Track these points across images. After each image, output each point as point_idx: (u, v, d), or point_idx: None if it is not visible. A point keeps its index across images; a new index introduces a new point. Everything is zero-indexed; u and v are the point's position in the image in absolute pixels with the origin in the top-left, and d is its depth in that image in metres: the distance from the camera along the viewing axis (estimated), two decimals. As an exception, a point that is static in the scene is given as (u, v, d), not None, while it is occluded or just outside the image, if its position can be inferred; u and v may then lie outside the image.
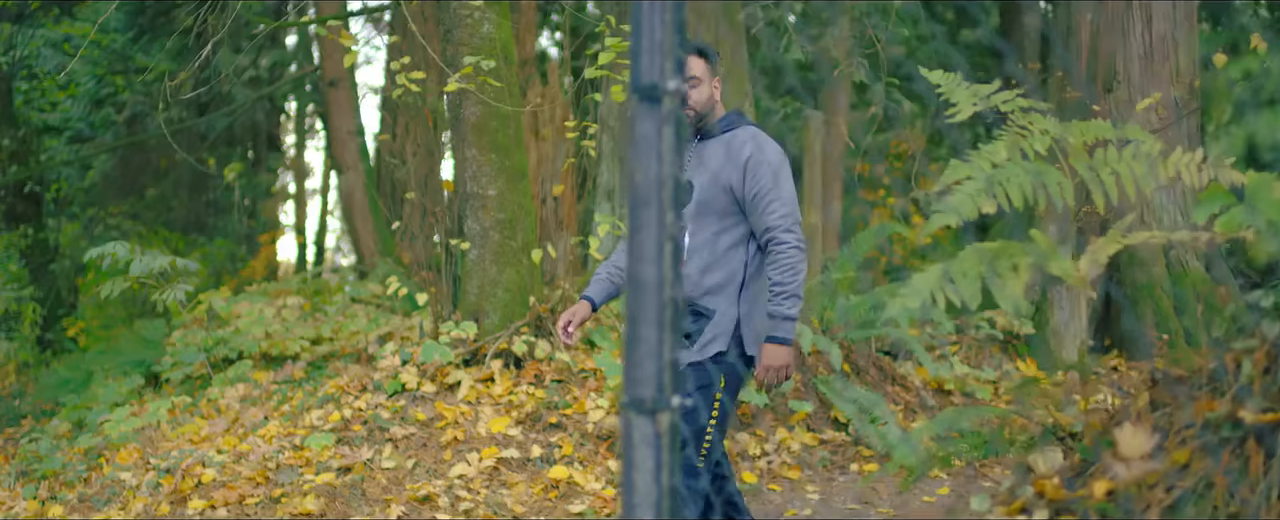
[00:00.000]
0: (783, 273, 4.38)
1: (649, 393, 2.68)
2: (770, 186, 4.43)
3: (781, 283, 4.37)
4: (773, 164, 4.47)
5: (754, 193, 4.43)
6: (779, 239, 4.40)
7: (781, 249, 4.39)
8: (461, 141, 8.07)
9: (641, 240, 2.70)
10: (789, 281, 4.37)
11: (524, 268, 8.09)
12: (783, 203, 4.44)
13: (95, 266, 18.62)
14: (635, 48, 2.71)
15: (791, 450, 7.48)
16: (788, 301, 4.36)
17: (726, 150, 4.49)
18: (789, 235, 4.40)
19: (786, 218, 4.42)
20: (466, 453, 7.26)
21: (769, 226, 4.42)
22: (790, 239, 4.40)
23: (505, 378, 7.80)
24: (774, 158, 4.50)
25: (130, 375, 10.31)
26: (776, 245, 4.40)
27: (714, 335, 4.47)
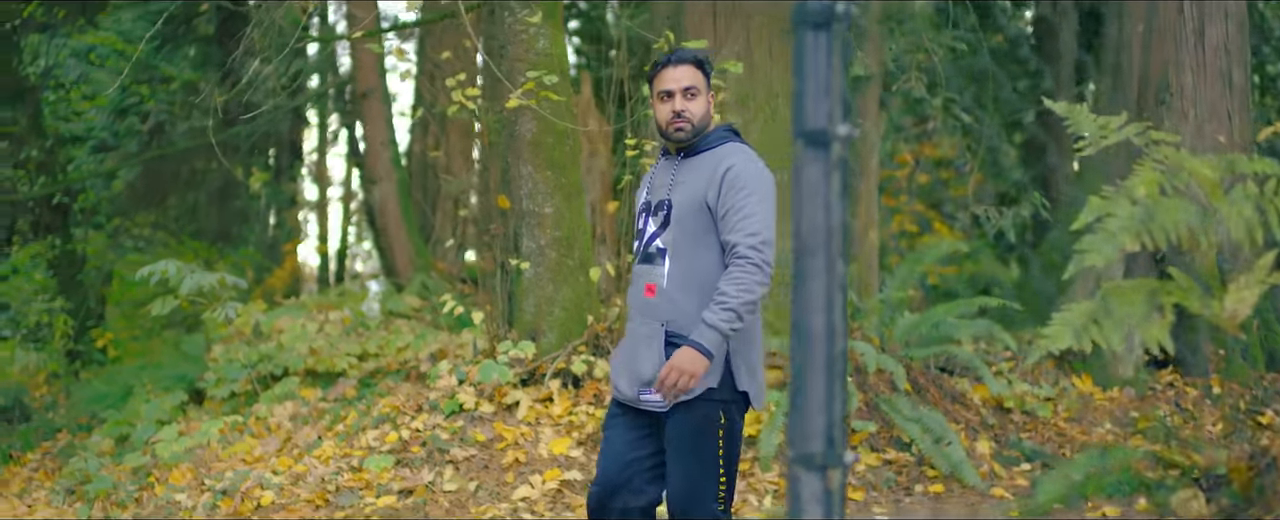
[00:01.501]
0: (733, 285, 4.03)
1: (818, 447, 2.61)
2: (744, 201, 4.11)
3: (726, 294, 4.02)
4: (754, 180, 4.17)
5: (727, 208, 4.13)
6: (741, 254, 4.05)
7: (740, 264, 4.05)
8: (517, 158, 8.00)
9: (809, 290, 2.62)
10: (735, 296, 4.02)
11: (581, 286, 8.02)
12: (755, 220, 4.09)
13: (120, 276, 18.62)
14: (799, 89, 2.63)
15: (856, 471, 7.40)
16: (725, 314, 4.02)
17: (708, 166, 4.24)
18: (752, 251, 4.05)
19: (754, 236, 4.07)
20: (529, 474, 7.19)
21: (735, 241, 4.09)
22: (753, 255, 4.05)
23: (564, 397, 7.73)
24: (755, 176, 4.19)
25: (173, 391, 10.23)
26: (737, 260, 4.06)
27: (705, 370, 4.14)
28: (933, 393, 7.96)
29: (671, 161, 4.40)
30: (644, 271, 4.31)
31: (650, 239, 4.31)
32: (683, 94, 4.30)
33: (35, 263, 17.83)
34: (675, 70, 4.33)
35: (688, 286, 4.20)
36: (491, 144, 8.25)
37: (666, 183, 4.34)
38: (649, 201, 4.39)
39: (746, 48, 8.52)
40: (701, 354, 4.04)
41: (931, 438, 7.41)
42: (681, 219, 4.22)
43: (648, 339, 4.22)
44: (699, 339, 4.05)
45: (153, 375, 11.57)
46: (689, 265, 4.20)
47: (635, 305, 4.36)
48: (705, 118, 4.36)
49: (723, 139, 4.36)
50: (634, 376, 4.27)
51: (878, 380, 7.78)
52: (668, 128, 4.33)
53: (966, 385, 8.32)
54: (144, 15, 20.77)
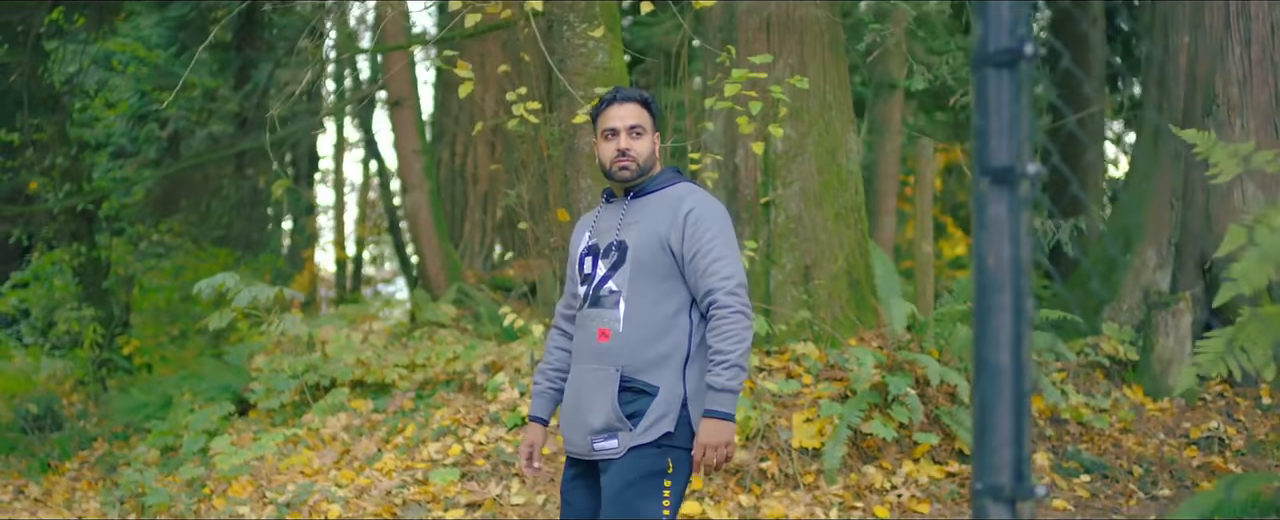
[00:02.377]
0: (725, 340, 3.94)
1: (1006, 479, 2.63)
2: (711, 245, 4.01)
3: (723, 351, 3.93)
4: (715, 222, 4.07)
5: (694, 251, 4.02)
6: (721, 303, 3.96)
7: (724, 314, 3.96)
8: (577, 172, 8.03)
9: (995, 325, 2.64)
10: (732, 350, 3.93)
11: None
12: (725, 263, 4.00)
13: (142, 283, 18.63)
14: (983, 126, 2.65)
15: (919, 483, 7.44)
16: (729, 372, 3.92)
17: (664, 207, 4.13)
18: (731, 299, 3.97)
19: (729, 279, 3.98)
20: (596, 488, 7.21)
21: (711, 289, 3.99)
22: (734, 303, 3.97)
23: (626, 411, 7.76)
24: (717, 215, 4.12)
25: (219, 402, 10.24)
26: (718, 309, 3.97)
27: (659, 415, 4.01)
28: (990, 404, 7.99)
29: (619, 203, 4.26)
30: (594, 315, 4.15)
31: (602, 281, 4.15)
32: (628, 132, 4.18)
33: (56, 269, 17.86)
34: (620, 108, 4.21)
35: (645, 329, 4.06)
36: (550, 157, 8.27)
37: (615, 224, 4.19)
38: (595, 245, 4.23)
39: (800, 61, 8.57)
40: (723, 420, 3.94)
41: (993, 450, 7.43)
42: (639, 260, 4.09)
43: (600, 385, 4.08)
44: (715, 406, 3.94)
45: (193, 385, 11.58)
46: (646, 307, 4.07)
47: (585, 351, 4.17)
48: (650, 158, 4.22)
49: (672, 179, 4.27)
50: (584, 426, 4.11)
51: (937, 392, 7.82)
52: (611, 167, 4.19)
53: (1020, 396, 8.35)
54: (161, 22, 20.82)
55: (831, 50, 8.78)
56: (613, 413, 4.03)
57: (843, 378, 7.97)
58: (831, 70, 8.72)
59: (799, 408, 7.76)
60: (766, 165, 8.64)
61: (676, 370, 4.05)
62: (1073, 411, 8.25)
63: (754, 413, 7.50)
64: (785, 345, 8.32)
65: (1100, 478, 7.76)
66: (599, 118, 4.28)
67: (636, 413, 4.02)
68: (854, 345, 8.26)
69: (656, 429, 4.00)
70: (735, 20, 8.74)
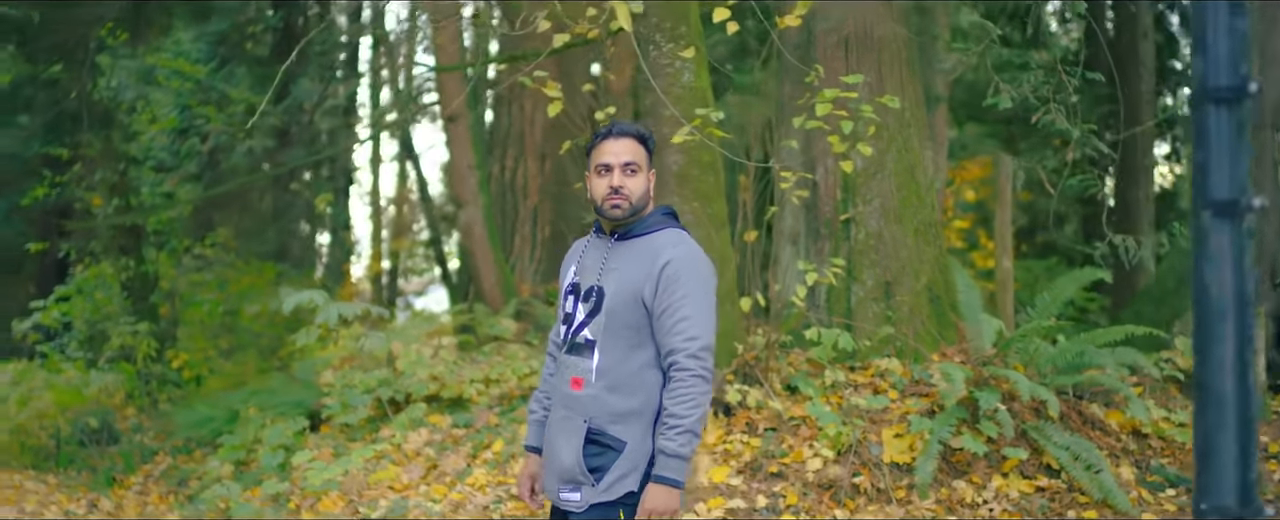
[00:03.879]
0: (681, 404, 3.80)
1: (1232, 501, 2.72)
2: (682, 302, 3.87)
3: (678, 415, 3.79)
4: (692, 277, 3.92)
5: (664, 307, 3.88)
6: (681, 364, 3.83)
7: (682, 377, 3.82)
8: (663, 189, 8.13)
9: (1219, 354, 2.73)
10: (686, 415, 3.79)
11: (728, 315, 8.14)
12: (693, 323, 3.85)
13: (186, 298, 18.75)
14: (1204, 161, 2.73)
15: (1010, 498, 7.51)
16: (682, 438, 3.79)
17: (644, 257, 3.98)
18: (693, 362, 3.82)
19: (693, 341, 3.84)
20: (692, 503, 7.30)
21: (673, 349, 3.85)
22: (695, 366, 3.82)
23: (716, 426, 7.85)
24: (695, 270, 3.94)
25: (292, 417, 10.34)
26: (678, 371, 3.83)
27: (625, 472, 3.90)
28: (1073, 419, 8.07)
29: (604, 242, 4.14)
30: (570, 363, 4.05)
31: (578, 328, 4.04)
32: (622, 169, 4.01)
33: (98, 282, 17.98)
34: (615, 144, 4.05)
35: (616, 384, 3.95)
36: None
37: (598, 266, 4.08)
38: (577, 284, 4.12)
39: (878, 79, 8.65)
40: (671, 488, 3.83)
41: (1082, 464, 7.52)
42: (613, 311, 3.96)
43: (570, 434, 4.00)
44: (666, 473, 3.82)
45: (260, 400, 11.68)
46: (618, 361, 3.95)
47: (561, 397, 4.11)
48: (644, 197, 4.06)
49: (660, 224, 4.10)
50: (555, 473, 4.06)
51: (1023, 408, 7.89)
52: (603, 204, 4.04)
53: (1099, 411, 8.43)
54: (201, 36, 20.96)
55: (908, 68, 8.87)
56: (577, 465, 3.95)
57: (929, 393, 8.06)
58: (908, 88, 8.82)
59: (888, 423, 7.84)
60: (846, 182, 8.73)
61: (645, 427, 3.94)
62: (1154, 426, 8.32)
63: (845, 428, 7.59)
64: (869, 361, 8.40)
65: (1186, 491, 7.82)
66: (593, 152, 4.11)
67: (601, 467, 3.93)
68: (937, 361, 8.34)
69: (620, 487, 3.91)
70: (813, 39, 8.83)
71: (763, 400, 7.88)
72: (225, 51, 20.80)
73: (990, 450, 7.67)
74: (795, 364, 8.36)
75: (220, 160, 20.14)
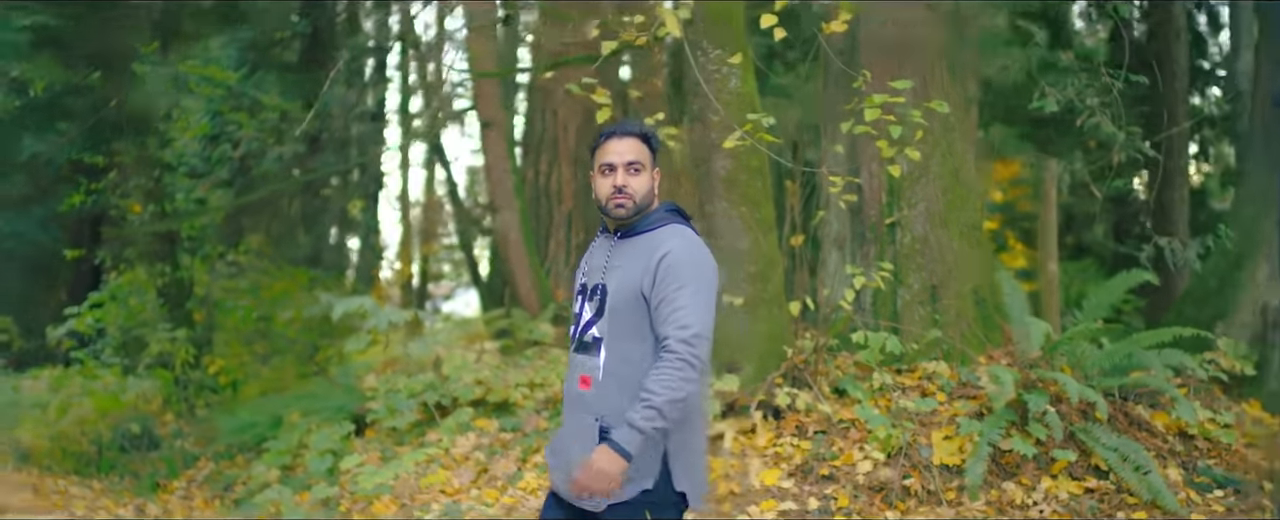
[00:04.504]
0: (657, 382, 3.80)
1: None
2: (678, 292, 3.88)
3: (650, 391, 3.80)
4: (689, 267, 3.93)
5: (660, 298, 3.90)
6: (671, 348, 3.83)
7: (669, 360, 3.82)
8: (711, 195, 8.20)
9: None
10: (659, 394, 3.79)
11: (776, 319, 8.21)
12: (687, 312, 3.86)
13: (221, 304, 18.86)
14: None
15: (1059, 499, 7.56)
16: (648, 413, 3.79)
17: (645, 252, 4.01)
18: (682, 346, 3.83)
19: (686, 329, 3.85)
20: (745, 505, 7.37)
21: (666, 335, 3.86)
22: (683, 351, 3.82)
23: (767, 429, 7.92)
24: (692, 264, 3.96)
25: (337, 422, 10.42)
26: (667, 354, 3.83)
27: (638, 470, 3.92)
28: (1120, 420, 8.11)
29: (608, 240, 4.19)
30: (580, 362, 4.10)
31: (586, 327, 4.08)
32: (626, 168, 4.05)
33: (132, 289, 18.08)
34: (619, 143, 4.08)
35: (624, 381, 3.96)
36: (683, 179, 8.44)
37: (602, 265, 4.12)
38: (584, 285, 4.17)
39: (922, 83, 8.70)
40: (619, 454, 3.81)
41: (1130, 465, 7.56)
42: (616, 308, 4.00)
43: (580, 434, 4.03)
44: (618, 439, 3.82)
45: (302, 405, 11.75)
46: (625, 357, 3.98)
47: (571, 396, 4.16)
48: (648, 195, 4.10)
49: (663, 220, 4.12)
50: (567, 473, 4.04)
51: (1071, 409, 7.94)
52: (608, 203, 4.08)
53: (1145, 412, 8.47)
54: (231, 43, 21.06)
55: (951, 72, 8.92)
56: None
57: (976, 395, 8.11)
58: (952, 92, 8.87)
59: (937, 425, 7.90)
60: (891, 186, 8.79)
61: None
62: (1200, 427, 8.35)
63: (895, 430, 7.64)
64: (916, 364, 8.46)
65: (1234, 493, 7.86)
66: (597, 151, 4.14)
67: None
68: (984, 363, 8.39)
69: (635, 485, 3.93)
70: (857, 43, 8.89)
71: (812, 403, 7.94)
72: (255, 58, 20.92)
73: (1039, 452, 7.72)
74: (843, 367, 8.41)
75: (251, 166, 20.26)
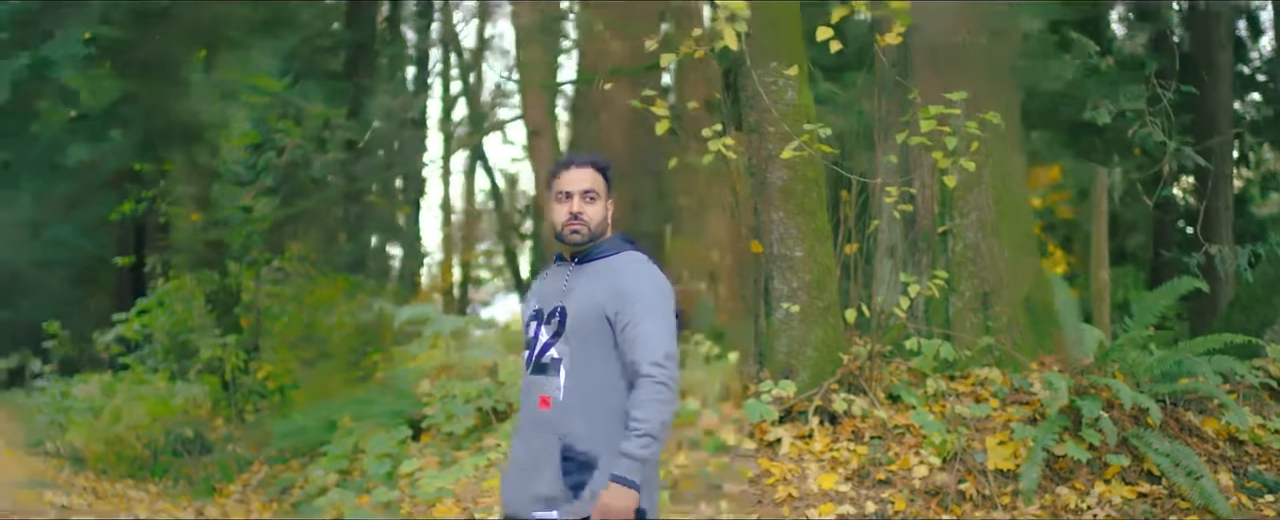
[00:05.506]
0: (643, 409, 3.97)
1: None
2: (643, 318, 4.07)
3: (639, 420, 3.97)
4: (651, 292, 4.14)
5: (626, 322, 4.07)
6: (645, 372, 4.00)
7: (647, 385, 4.00)
8: (768, 205, 8.36)
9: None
10: (648, 420, 3.97)
11: (831, 326, 8.36)
12: (654, 335, 4.05)
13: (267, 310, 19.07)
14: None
15: (1113, 504, 7.68)
16: (642, 440, 3.96)
17: (605, 276, 4.18)
18: (657, 370, 4.00)
19: (656, 351, 4.03)
20: (804, 509, 7.51)
21: (636, 360, 4.03)
22: (659, 374, 4.00)
23: (823, 434, 8.06)
24: (654, 286, 4.17)
25: (394, 426, 10.59)
26: (642, 379, 4.00)
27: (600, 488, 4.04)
28: (1171, 426, 8.22)
29: (565, 268, 4.32)
30: (537, 383, 4.21)
31: (544, 349, 4.21)
32: (581, 197, 4.22)
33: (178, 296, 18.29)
34: (575, 173, 4.26)
35: (585, 399, 4.11)
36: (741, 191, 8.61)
37: (559, 289, 4.26)
38: (540, 310, 4.29)
39: (974, 94, 8.81)
40: (628, 488, 3.97)
41: (1183, 471, 7.67)
42: (577, 329, 4.14)
43: (544, 453, 4.13)
44: (622, 473, 3.97)
45: (356, 410, 11.92)
46: (586, 377, 4.13)
47: (528, 418, 4.25)
48: (602, 224, 4.27)
49: (619, 247, 4.30)
50: (528, 494, 4.15)
51: (1123, 415, 8.05)
52: (563, 229, 4.25)
53: (1195, 418, 8.57)
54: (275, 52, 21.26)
55: (1002, 82, 9.06)
56: (556, 484, 4.08)
57: (1029, 401, 8.24)
58: (1002, 102, 8.99)
59: (991, 431, 8.03)
60: (943, 196, 8.92)
61: (617, 440, 4.04)
62: (1250, 433, 8.45)
63: (950, 435, 7.78)
64: (968, 370, 8.59)
65: (1286, 497, 7.96)
66: (554, 180, 4.30)
67: (579, 484, 4.07)
68: (1036, 369, 8.52)
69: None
70: (909, 54, 9.03)
71: (867, 409, 8.08)
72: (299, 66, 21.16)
73: (1092, 457, 7.84)
74: (897, 373, 8.55)
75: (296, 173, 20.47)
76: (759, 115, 8.31)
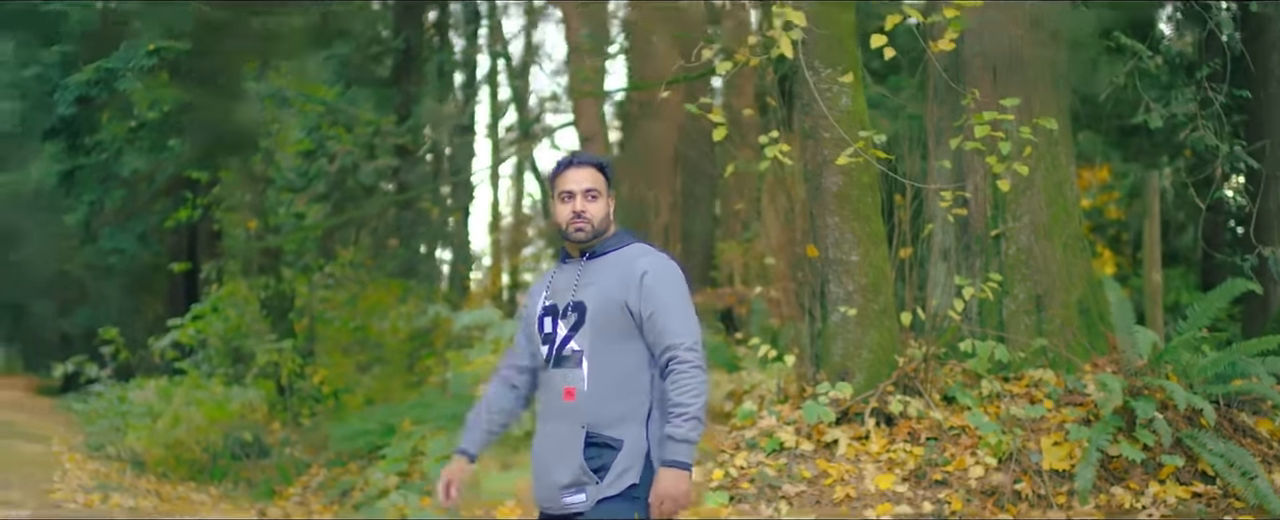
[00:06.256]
0: (684, 393, 4.13)
1: None
2: (666, 304, 4.22)
3: (683, 404, 4.12)
4: (668, 281, 4.28)
5: (651, 310, 4.21)
6: (680, 358, 4.17)
7: (683, 369, 4.16)
8: (823, 210, 8.49)
9: None
10: (691, 403, 4.12)
11: (886, 329, 8.48)
12: (680, 321, 4.22)
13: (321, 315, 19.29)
14: None
15: (1167, 503, 7.77)
16: (689, 424, 4.11)
17: (619, 268, 4.31)
18: (690, 354, 4.17)
19: (686, 335, 4.20)
20: (861, 509, 7.64)
21: (668, 345, 4.19)
22: (692, 358, 4.17)
23: (879, 435, 8.19)
24: (669, 274, 4.31)
25: (453, 430, 10.76)
26: (677, 365, 4.17)
27: (625, 468, 4.20)
28: (1225, 427, 8.29)
29: (575, 264, 4.43)
30: (560, 375, 4.32)
31: (563, 342, 4.33)
32: (583, 195, 4.34)
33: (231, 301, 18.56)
34: (577, 172, 4.39)
35: (609, 387, 4.25)
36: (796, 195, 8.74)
37: (572, 284, 4.38)
38: (553, 305, 4.41)
39: (1026, 99, 8.91)
40: (681, 470, 4.12)
41: (1237, 471, 7.75)
42: (597, 321, 4.27)
43: (568, 442, 4.24)
44: (675, 457, 4.12)
45: (413, 413, 12.13)
46: (608, 366, 4.26)
47: (552, 409, 4.36)
48: (605, 220, 4.39)
49: (626, 241, 4.44)
50: (553, 482, 4.30)
51: (1177, 416, 8.13)
52: (568, 227, 4.38)
53: (1248, 419, 8.64)
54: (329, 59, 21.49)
55: (1055, 87, 9.15)
56: (580, 468, 4.21)
57: (1083, 402, 8.33)
58: (1054, 107, 9.09)
59: (1045, 431, 8.13)
60: (996, 200, 9.02)
61: (640, 424, 4.22)
62: (1308, 435, 8.51)
63: (1005, 436, 7.89)
64: (1022, 372, 8.69)
65: (1338, 497, 8.00)
66: (556, 180, 4.43)
67: (603, 466, 4.20)
68: (1090, 371, 8.61)
69: (623, 481, 4.18)
70: (961, 60, 9.13)
71: (923, 410, 8.20)
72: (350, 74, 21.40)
73: (1146, 457, 7.92)
74: (951, 375, 8.66)
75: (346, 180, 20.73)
76: (814, 121, 8.44)
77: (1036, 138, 8.26)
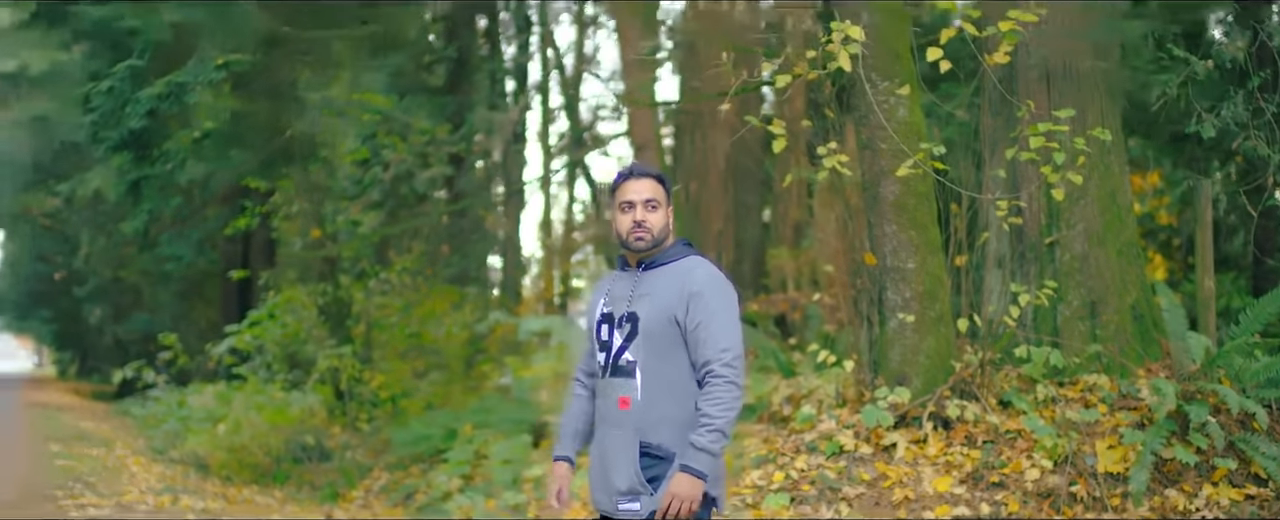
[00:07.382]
0: (713, 405, 4.27)
1: None
2: (712, 318, 4.35)
3: (710, 415, 4.26)
4: (718, 295, 4.41)
5: (696, 323, 4.35)
6: (716, 373, 4.30)
7: (717, 383, 4.29)
8: (881, 218, 8.68)
9: None
10: (718, 416, 4.26)
11: (942, 335, 8.67)
12: (724, 335, 4.35)
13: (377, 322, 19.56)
14: None
15: (1221, 505, 7.91)
16: (711, 435, 4.25)
17: (673, 280, 4.42)
18: (727, 370, 4.30)
19: (726, 352, 4.32)
20: (920, 510, 7.83)
21: (707, 360, 4.33)
22: (728, 374, 4.30)
23: (936, 439, 8.37)
24: (720, 289, 4.44)
25: (516, 434, 11.02)
26: (713, 379, 4.31)
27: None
28: (1277, 431, 8.43)
29: (631, 274, 4.54)
30: (616, 384, 4.46)
31: (619, 352, 4.46)
32: (643, 206, 4.45)
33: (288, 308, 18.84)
34: (637, 183, 4.50)
35: (661, 397, 4.38)
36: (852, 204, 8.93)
37: (627, 295, 4.49)
38: (610, 314, 4.53)
39: (1080, 110, 9.07)
40: (696, 478, 4.26)
41: (1291, 473, 7.89)
42: (649, 332, 4.40)
43: (623, 450, 4.39)
44: (691, 463, 4.26)
45: (474, 418, 12.37)
46: (661, 377, 4.39)
47: (608, 418, 4.50)
48: (664, 230, 4.51)
49: (682, 253, 4.54)
50: (610, 487, 4.45)
51: (1230, 420, 8.28)
52: (628, 237, 4.47)
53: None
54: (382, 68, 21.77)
55: (1108, 97, 9.31)
56: (635, 477, 4.37)
57: (1137, 406, 8.49)
58: (1108, 116, 9.25)
59: (1100, 435, 8.29)
60: (1051, 208, 9.19)
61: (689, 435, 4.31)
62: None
63: (1061, 440, 8.06)
64: (1077, 377, 8.86)
65: (1390, 499, 8.13)
66: (616, 191, 4.55)
67: (656, 476, 4.36)
68: (1143, 376, 8.77)
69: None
70: (1016, 72, 9.31)
71: (980, 414, 8.38)
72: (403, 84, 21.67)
73: (1200, 460, 8.07)
74: (1007, 380, 8.83)
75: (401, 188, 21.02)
76: (871, 132, 8.63)
77: (1090, 147, 8.42)
